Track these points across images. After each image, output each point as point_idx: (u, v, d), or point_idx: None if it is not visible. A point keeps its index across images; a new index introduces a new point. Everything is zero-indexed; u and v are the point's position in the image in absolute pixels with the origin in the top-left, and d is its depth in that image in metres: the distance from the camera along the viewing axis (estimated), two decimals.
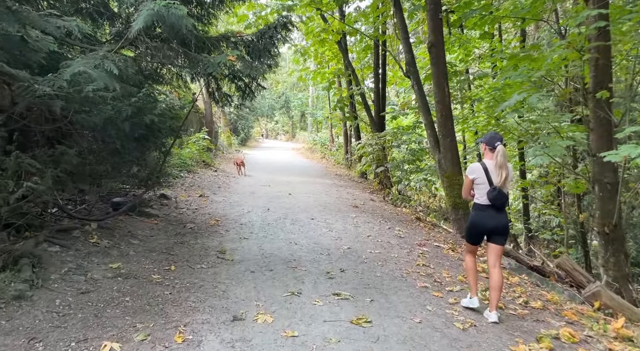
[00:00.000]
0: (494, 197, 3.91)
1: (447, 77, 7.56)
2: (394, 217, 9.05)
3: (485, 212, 4.00)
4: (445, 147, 7.58)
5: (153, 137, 6.05)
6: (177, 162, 12.54)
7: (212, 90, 6.11)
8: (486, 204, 3.98)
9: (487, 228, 4.03)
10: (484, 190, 3.97)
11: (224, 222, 7.09)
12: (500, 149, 3.93)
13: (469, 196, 4.22)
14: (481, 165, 4.03)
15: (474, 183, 4.07)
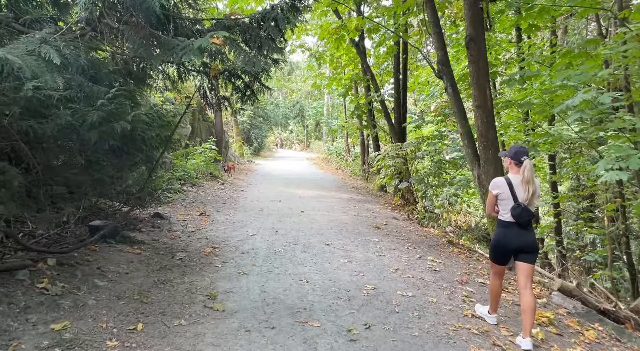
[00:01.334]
0: (519, 214, 3.73)
1: (489, 77, 6.35)
2: (423, 240, 7.80)
3: (509, 230, 3.82)
4: (487, 161, 6.34)
5: (134, 149, 4.96)
6: (179, 174, 11.49)
7: (205, 91, 4.98)
8: (510, 221, 3.81)
9: (512, 247, 3.83)
10: (508, 207, 3.80)
11: (222, 250, 5.94)
12: (527, 164, 3.74)
13: (493, 212, 4.04)
14: (505, 180, 3.87)
15: (497, 199, 3.91)
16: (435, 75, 7.04)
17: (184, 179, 11.79)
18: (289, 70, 38.65)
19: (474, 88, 6.40)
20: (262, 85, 4.99)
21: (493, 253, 4.02)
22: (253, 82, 4.87)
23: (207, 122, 18.99)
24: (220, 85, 4.97)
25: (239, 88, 4.91)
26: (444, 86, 6.93)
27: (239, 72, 4.53)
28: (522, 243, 3.79)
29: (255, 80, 4.85)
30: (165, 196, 9.73)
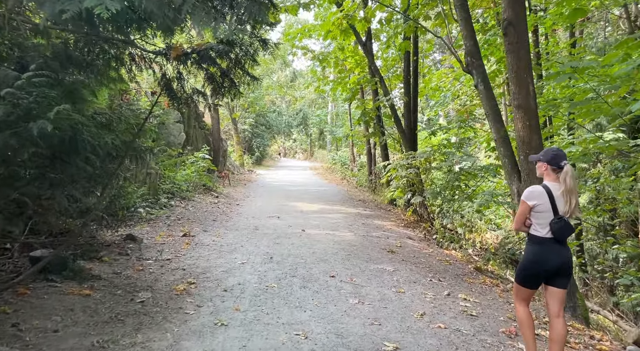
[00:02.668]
0: (559, 229, 3.24)
1: (532, 70, 5.13)
2: (446, 268, 6.53)
3: (546, 247, 3.29)
4: (531, 174, 5.10)
5: (78, 160, 3.76)
6: (167, 187, 10.30)
7: (169, 82, 3.79)
8: (548, 237, 3.29)
9: (549, 268, 3.27)
10: (547, 220, 3.28)
11: (199, 287, 4.70)
12: (568, 170, 3.26)
13: (524, 227, 3.45)
14: (544, 189, 3.32)
15: (532, 211, 3.35)
16: (463, 70, 5.83)
17: (172, 192, 10.59)
18: (291, 78, 37.64)
19: (512, 84, 5.19)
20: (246, 74, 3.78)
21: (523, 275, 3.38)
22: (232, 69, 3.68)
23: (203, 129, 17.84)
24: (189, 73, 3.77)
25: (213, 78, 3.72)
26: (474, 83, 5.72)
27: (212, 53, 3.36)
28: (560, 263, 3.25)
29: (235, 67, 3.65)
30: (148, 212, 8.55)
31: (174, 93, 3.88)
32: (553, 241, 3.27)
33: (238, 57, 3.50)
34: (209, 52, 3.29)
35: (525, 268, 3.37)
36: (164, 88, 3.87)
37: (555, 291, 3.31)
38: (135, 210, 7.97)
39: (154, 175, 9.78)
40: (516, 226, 3.53)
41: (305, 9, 13.08)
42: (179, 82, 3.82)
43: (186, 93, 3.91)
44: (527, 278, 3.36)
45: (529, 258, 3.34)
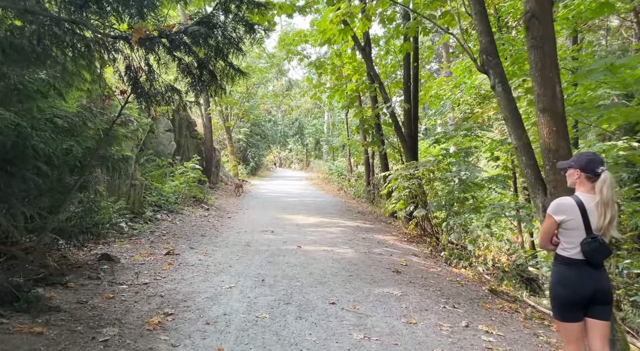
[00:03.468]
0: (593, 250, 2.69)
1: (558, 68, 4.53)
2: (459, 291, 5.87)
3: (577, 270, 2.76)
4: (559, 186, 4.47)
5: (25, 170, 3.09)
6: (154, 199, 9.61)
7: (134, 75, 3.14)
8: (578, 259, 2.75)
9: (583, 295, 2.72)
10: (578, 239, 2.76)
11: (178, 318, 4.02)
12: (607, 178, 2.70)
13: (550, 245, 2.93)
14: (575, 201, 2.77)
15: (560, 227, 2.82)
16: (478, 69, 5.23)
17: (159, 205, 9.90)
18: (287, 87, 37.16)
19: (536, 85, 4.58)
20: (229, 65, 3.14)
21: (558, 308, 2.85)
22: (213, 59, 3.04)
23: (195, 138, 17.20)
24: (161, 64, 3.12)
25: (189, 69, 3.09)
26: (490, 84, 5.11)
27: (185, 38, 2.72)
28: (596, 289, 2.74)
29: (216, 56, 3.01)
30: (131, 227, 7.85)
31: (141, 90, 3.22)
32: (585, 263, 2.78)
33: (219, 45, 2.89)
34: (181, 36, 2.66)
35: (556, 298, 2.87)
36: (129, 84, 3.23)
37: (595, 324, 2.80)
38: (116, 225, 7.30)
39: (138, 187, 9.09)
40: (542, 244, 3.03)
41: (301, 13, 12.54)
42: (148, 76, 3.18)
43: (155, 89, 3.26)
44: (563, 310, 2.83)
45: (558, 285, 2.86)
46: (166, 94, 3.30)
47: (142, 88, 3.18)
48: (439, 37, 27.63)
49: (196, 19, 2.69)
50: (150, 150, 11.92)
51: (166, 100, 3.31)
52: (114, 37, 2.79)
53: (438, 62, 31.63)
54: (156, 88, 3.26)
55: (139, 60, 3.10)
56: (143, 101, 3.23)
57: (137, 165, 10.04)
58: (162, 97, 3.29)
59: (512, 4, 10.47)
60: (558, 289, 2.86)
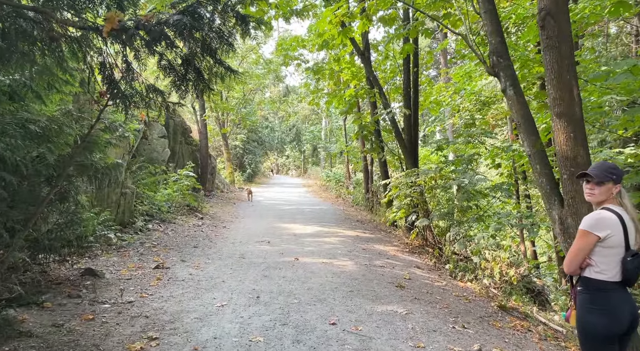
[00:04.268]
0: (634, 270, 2.35)
1: (575, 70, 4.21)
2: (467, 307, 5.50)
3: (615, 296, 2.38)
4: (576, 196, 4.13)
5: None
6: (145, 208, 9.23)
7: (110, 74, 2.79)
8: (615, 282, 2.38)
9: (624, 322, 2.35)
10: (617, 258, 2.39)
11: (163, 343, 3.64)
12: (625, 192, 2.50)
13: (579, 268, 2.48)
14: (617, 216, 2.40)
15: (597, 245, 2.41)
16: (487, 72, 4.91)
17: (150, 214, 9.53)
18: (284, 93, 36.90)
19: (552, 88, 4.26)
20: (218, 63, 2.79)
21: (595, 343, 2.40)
22: (199, 56, 2.70)
23: (190, 145, 16.86)
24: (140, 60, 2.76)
25: (172, 67, 2.75)
26: (501, 87, 4.78)
27: (166, 30, 2.38)
28: (632, 315, 2.40)
29: (203, 52, 2.66)
30: (119, 238, 7.47)
31: (118, 90, 2.86)
32: (621, 286, 2.44)
33: (206, 39, 2.55)
34: (162, 27, 2.31)
35: (591, 331, 2.42)
36: (103, 83, 2.87)
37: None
38: (103, 237, 6.92)
39: (129, 195, 8.72)
40: (571, 268, 2.53)
41: (299, 17, 12.26)
42: (124, 75, 2.82)
43: (133, 89, 2.89)
44: (601, 345, 2.41)
45: (589, 314, 2.43)
46: (147, 95, 2.95)
47: (118, 88, 2.82)
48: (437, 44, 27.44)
49: (179, 8, 2.36)
50: (143, 157, 11.56)
51: (146, 102, 2.96)
52: (81, 28, 2.44)
53: (436, 69, 31.44)
54: (134, 89, 2.90)
55: (115, 56, 2.75)
56: (120, 103, 2.88)
57: (129, 173, 9.67)
58: (141, 99, 2.93)
59: (514, 9, 10.20)
60: (594, 319, 2.43)
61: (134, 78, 2.83)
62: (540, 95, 7.17)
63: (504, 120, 14.51)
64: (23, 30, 2.45)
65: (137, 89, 2.93)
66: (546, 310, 7.09)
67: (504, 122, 14.86)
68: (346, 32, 8.56)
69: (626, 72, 3.83)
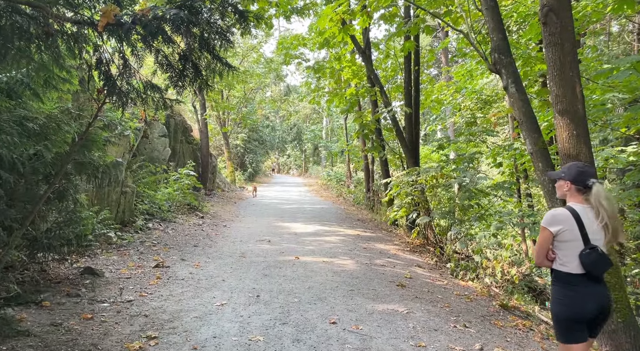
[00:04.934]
0: (593, 262, 2.54)
1: (578, 67, 4.18)
2: (468, 306, 5.47)
3: (578, 287, 2.59)
4: None
5: None
6: (145, 207, 9.21)
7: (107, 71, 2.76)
8: (579, 273, 2.58)
9: (588, 313, 2.56)
10: (575, 251, 2.60)
11: (162, 342, 3.61)
12: (599, 191, 2.58)
13: (546, 261, 2.73)
14: (570, 212, 2.63)
15: (555, 240, 2.65)
16: (489, 69, 4.87)
17: (151, 213, 9.51)
18: (285, 92, 36.87)
19: (554, 85, 4.22)
20: (216, 59, 2.75)
21: (561, 329, 2.66)
22: (197, 51, 2.66)
23: (191, 144, 16.84)
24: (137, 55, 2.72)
25: (169, 63, 2.71)
26: (503, 84, 4.74)
27: (164, 25, 2.34)
28: (599, 308, 2.59)
29: (201, 48, 2.62)
30: (120, 237, 7.45)
31: (115, 86, 2.82)
32: (586, 278, 2.62)
33: (204, 34, 2.51)
34: (159, 22, 2.28)
35: (559, 319, 2.68)
36: (100, 80, 2.83)
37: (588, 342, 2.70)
38: (103, 236, 6.90)
39: (129, 195, 8.70)
40: (538, 260, 2.80)
41: (299, 15, 12.23)
42: (121, 71, 2.78)
43: (130, 85, 2.85)
44: (568, 332, 2.64)
45: (558, 304, 2.68)
46: (144, 92, 2.91)
47: (115, 85, 2.78)
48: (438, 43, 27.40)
49: (177, 2, 2.33)
50: (144, 155, 11.54)
51: (142, 99, 2.92)
52: (77, 23, 2.40)
53: (438, 67, 31.39)
54: (131, 85, 2.86)
55: (111, 52, 2.71)
56: (118, 100, 2.84)
57: (129, 172, 9.65)
58: (137, 95, 2.90)
59: (515, 7, 10.16)
60: (560, 308, 2.67)
61: (131, 75, 2.81)
62: (542, 92, 7.12)
63: (505, 119, 14.48)
64: (19, 26, 2.43)
65: (135, 86, 2.90)
66: (548, 309, 7.06)
67: (505, 120, 14.83)
68: (347, 30, 8.53)
69: (629, 69, 3.79)
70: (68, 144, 3.27)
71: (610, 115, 6.49)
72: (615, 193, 7.30)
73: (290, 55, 15.12)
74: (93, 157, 4.14)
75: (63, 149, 3.27)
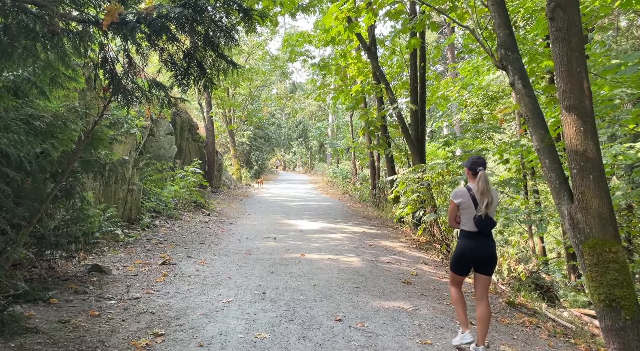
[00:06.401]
0: (481, 223, 3.71)
1: (585, 62, 4.13)
2: (474, 304, 5.44)
3: (473, 240, 3.76)
4: (586, 191, 4.05)
5: None
6: (152, 205, 9.26)
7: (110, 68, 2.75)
8: (473, 231, 3.75)
9: (477, 257, 3.76)
10: (471, 216, 3.74)
11: (168, 339, 3.63)
12: (482, 175, 3.74)
13: (455, 223, 3.93)
14: (467, 189, 3.81)
15: (459, 209, 3.81)
16: (496, 65, 4.83)
17: (157, 211, 9.56)
18: (291, 89, 36.85)
19: (561, 81, 4.17)
20: (220, 57, 2.75)
21: (456, 265, 3.91)
22: (201, 49, 2.65)
23: (197, 142, 16.89)
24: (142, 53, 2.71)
25: (173, 62, 2.71)
26: (509, 80, 4.71)
27: (168, 24, 2.33)
28: (486, 253, 3.75)
29: (205, 46, 2.62)
30: (127, 235, 7.50)
31: (120, 85, 2.82)
32: (479, 234, 3.73)
33: (209, 33, 2.50)
34: (163, 20, 2.28)
35: (456, 257, 3.87)
36: (105, 78, 2.83)
37: (481, 278, 3.82)
38: (110, 233, 6.95)
39: (136, 192, 8.75)
40: (450, 223, 3.97)
41: (304, 12, 12.20)
42: (126, 70, 2.79)
43: (135, 84, 2.85)
44: (459, 266, 3.87)
45: (459, 250, 3.83)
46: (149, 90, 2.91)
47: (120, 83, 2.79)
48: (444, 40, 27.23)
49: (180, 1, 2.33)
50: (150, 153, 11.60)
51: (147, 97, 2.93)
52: (81, 21, 2.41)
53: (444, 64, 31.24)
54: (136, 83, 2.87)
55: (116, 51, 2.72)
56: (123, 98, 2.84)
57: (135, 170, 9.70)
58: (142, 93, 2.90)
59: (522, 2, 10.08)
60: (461, 253, 3.81)
61: (136, 73, 2.81)
62: (549, 89, 7.07)
63: (512, 115, 14.38)
64: (25, 25, 2.44)
65: (139, 84, 2.90)
66: (555, 306, 7.03)
67: (512, 117, 14.73)
68: (352, 28, 8.50)
69: (638, 64, 3.75)
70: (74, 142, 3.28)
71: (619, 111, 6.43)
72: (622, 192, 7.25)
73: (296, 52, 15.11)
74: (99, 155, 4.16)
75: (69, 147, 3.29)
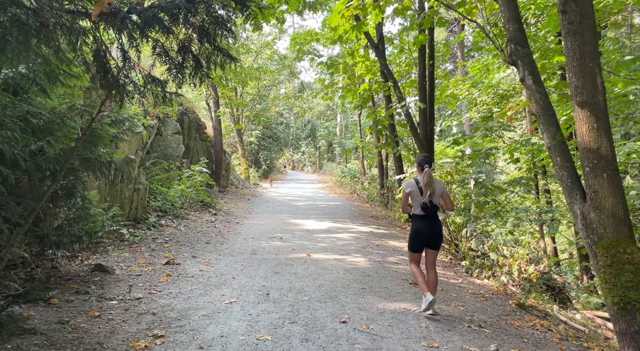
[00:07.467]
0: (426, 208, 4.52)
1: (599, 57, 3.99)
2: (484, 306, 5.31)
3: (423, 222, 4.59)
4: (600, 190, 3.91)
5: None
6: (158, 204, 9.23)
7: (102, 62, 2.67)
8: (421, 214, 4.56)
9: (427, 236, 4.59)
10: (418, 202, 4.56)
11: (169, 341, 3.56)
12: (426, 171, 4.56)
13: (407, 208, 4.77)
14: (415, 181, 4.66)
15: (410, 197, 4.66)
16: (505, 61, 4.69)
17: (164, 210, 9.52)
18: (299, 89, 36.78)
19: (573, 76, 4.03)
20: (217, 50, 2.63)
21: (411, 244, 4.71)
22: (197, 42, 2.56)
23: (205, 141, 16.87)
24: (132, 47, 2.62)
25: (167, 54, 2.62)
26: (519, 76, 4.56)
27: (161, 14, 2.24)
28: (434, 232, 4.60)
29: (201, 38, 2.52)
30: (132, 234, 7.46)
31: (114, 79, 2.72)
32: (426, 217, 4.57)
33: (204, 24, 2.41)
34: (155, 11, 2.18)
35: (412, 238, 4.69)
36: (97, 72, 2.75)
37: (430, 252, 4.67)
38: (115, 232, 6.91)
39: (142, 191, 8.72)
40: (403, 210, 4.92)
41: (312, 10, 12.09)
42: (122, 64, 2.70)
43: (129, 78, 2.76)
44: (414, 245, 4.68)
45: (414, 231, 4.67)
46: (143, 85, 2.82)
47: (113, 77, 2.69)
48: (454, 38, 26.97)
49: None
50: (158, 152, 11.59)
51: (141, 92, 2.83)
52: (69, 12, 2.32)
53: (453, 62, 30.95)
54: (129, 78, 2.78)
55: (109, 43, 2.64)
56: (117, 94, 2.75)
57: (142, 169, 9.68)
58: (135, 88, 2.81)
59: None
60: (415, 233, 4.65)
61: (131, 67, 2.73)
62: (560, 85, 6.90)
63: (522, 114, 14.16)
64: (17, 19, 2.37)
65: (133, 79, 2.81)
66: (567, 308, 6.86)
67: (522, 115, 14.50)
68: (359, 28, 8.38)
69: None
70: (73, 140, 3.22)
71: (633, 108, 6.26)
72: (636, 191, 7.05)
73: (304, 51, 15.01)
74: (99, 153, 4.10)
75: (67, 145, 3.23)
